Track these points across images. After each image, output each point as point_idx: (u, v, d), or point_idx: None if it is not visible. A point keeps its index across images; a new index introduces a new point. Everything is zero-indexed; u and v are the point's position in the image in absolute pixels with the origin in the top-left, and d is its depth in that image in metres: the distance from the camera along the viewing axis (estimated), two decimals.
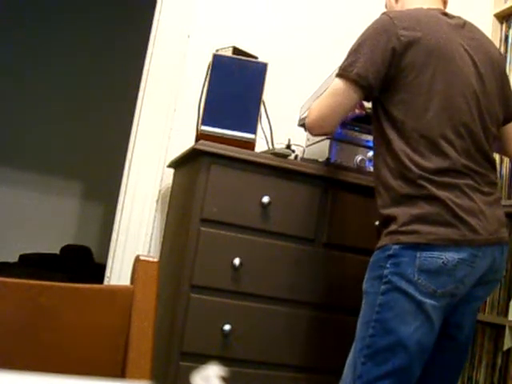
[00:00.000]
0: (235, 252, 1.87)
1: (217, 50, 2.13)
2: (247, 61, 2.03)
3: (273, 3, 2.63)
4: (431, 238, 1.48)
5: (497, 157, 2.17)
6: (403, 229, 1.51)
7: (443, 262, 1.47)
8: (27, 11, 4.76)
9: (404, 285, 1.49)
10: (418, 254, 1.48)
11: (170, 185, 2.41)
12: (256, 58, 2.13)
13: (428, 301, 1.48)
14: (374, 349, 1.51)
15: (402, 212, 1.53)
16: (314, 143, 2.19)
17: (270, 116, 2.18)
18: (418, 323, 1.48)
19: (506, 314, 2.17)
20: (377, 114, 1.66)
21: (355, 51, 1.63)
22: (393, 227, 1.53)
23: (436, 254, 1.48)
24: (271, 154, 1.99)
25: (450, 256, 1.48)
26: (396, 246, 1.51)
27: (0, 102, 4.65)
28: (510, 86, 1.76)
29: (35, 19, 4.75)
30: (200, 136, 1.96)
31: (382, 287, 1.51)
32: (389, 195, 1.58)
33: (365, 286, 1.59)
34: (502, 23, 2.63)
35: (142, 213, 2.39)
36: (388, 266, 1.51)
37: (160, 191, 2.43)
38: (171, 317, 1.88)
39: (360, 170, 2.04)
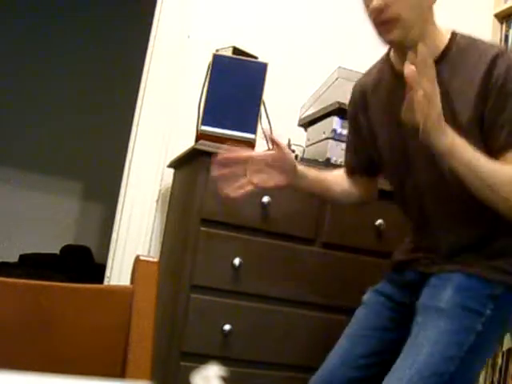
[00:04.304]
0: (235, 252, 1.87)
1: (217, 50, 2.13)
2: (247, 61, 2.03)
3: (273, 3, 2.63)
4: None
5: None
6: None
7: None
8: (26, 10, 4.76)
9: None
10: None
11: (170, 185, 2.41)
12: (256, 57, 2.13)
13: None
14: None
15: None
16: (314, 143, 2.19)
17: (270, 116, 2.18)
18: None
19: None
20: None
21: None
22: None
23: None
24: None
25: None
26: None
27: (0, 101, 4.65)
28: None
29: (35, 18, 4.75)
30: (200, 136, 1.96)
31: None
32: None
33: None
34: (502, 23, 2.63)
35: (142, 213, 2.38)
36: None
37: (160, 191, 2.43)
38: (171, 317, 1.88)
39: None
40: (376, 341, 1.57)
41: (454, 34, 1.46)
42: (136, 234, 2.37)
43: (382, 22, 1.39)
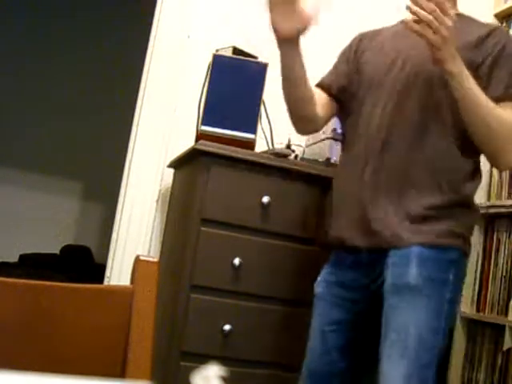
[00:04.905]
0: (235, 252, 1.87)
1: (217, 50, 2.13)
2: (247, 61, 2.03)
3: None
4: None
5: None
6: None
7: None
8: (26, 10, 4.76)
9: None
10: None
11: (170, 185, 2.41)
12: (256, 58, 2.13)
13: None
14: (440, 358, 1.46)
15: None
16: (314, 143, 2.19)
17: (269, 116, 2.18)
18: None
19: (506, 314, 2.17)
20: None
21: None
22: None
23: None
24: (271, 153, 1.99)
25: None
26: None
27: (0, 100, 4.65)
28: None
29: (35, 18, 4.75)
30: (200, 136, 1.96)
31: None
32: None
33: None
34: (502, 23, 2.63)
35: (142, 213, 2.38)
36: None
37: (160, 191, 2.43)
38: (171, 317, 1.88)
39: None
40: (341, 334, 1.61)
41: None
42: (136, 233, 2.37)
43: None
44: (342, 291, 1.61)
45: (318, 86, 1.75)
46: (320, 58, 2.60)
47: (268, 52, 2.40)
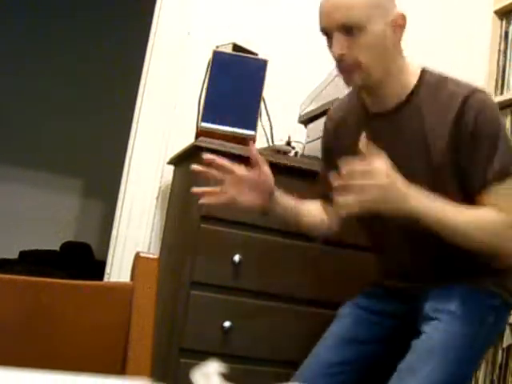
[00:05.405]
0: (235, 249, 1.87)
1: (217, 47, 2.13)
2: (247, 57, 2.03)
3: (273, 0, 2.62)
4: None
5: None
6: None
7: None
8: (26, 10, 4.76)
9: None
10: None
11: (170, 181, 2.41)
12: (256, 54, 2.13)
13: None
14: None
15: None
16: (313, 140, 2.18)
17: (269, 113, 2.18)
18: None
19: None
20: None
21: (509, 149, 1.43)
22: None
23: None
24: (271, 150, 1.99)
25: None
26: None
27: (0, 100, 4.64)
28: None
29: (35, 18, 4.74)
30: (200, 133, 1.96)
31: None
32: None
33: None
34: (502, 20, 2.62)
35: (142, 209, 2.38)
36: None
37: (160, 188, 2.43)
38: (171, 313, 1.88)
39: None
40: (355, 350, 1.56)
41: (423, 72, 1.45)
42: (136, 230, 2.37)
43: (343, 69, 1.41)
44: (372, 316, 1.58)
45: (318, 198, 1.72)
46: (321, 53, 2.60)
47: (268, 49, 2.40)
